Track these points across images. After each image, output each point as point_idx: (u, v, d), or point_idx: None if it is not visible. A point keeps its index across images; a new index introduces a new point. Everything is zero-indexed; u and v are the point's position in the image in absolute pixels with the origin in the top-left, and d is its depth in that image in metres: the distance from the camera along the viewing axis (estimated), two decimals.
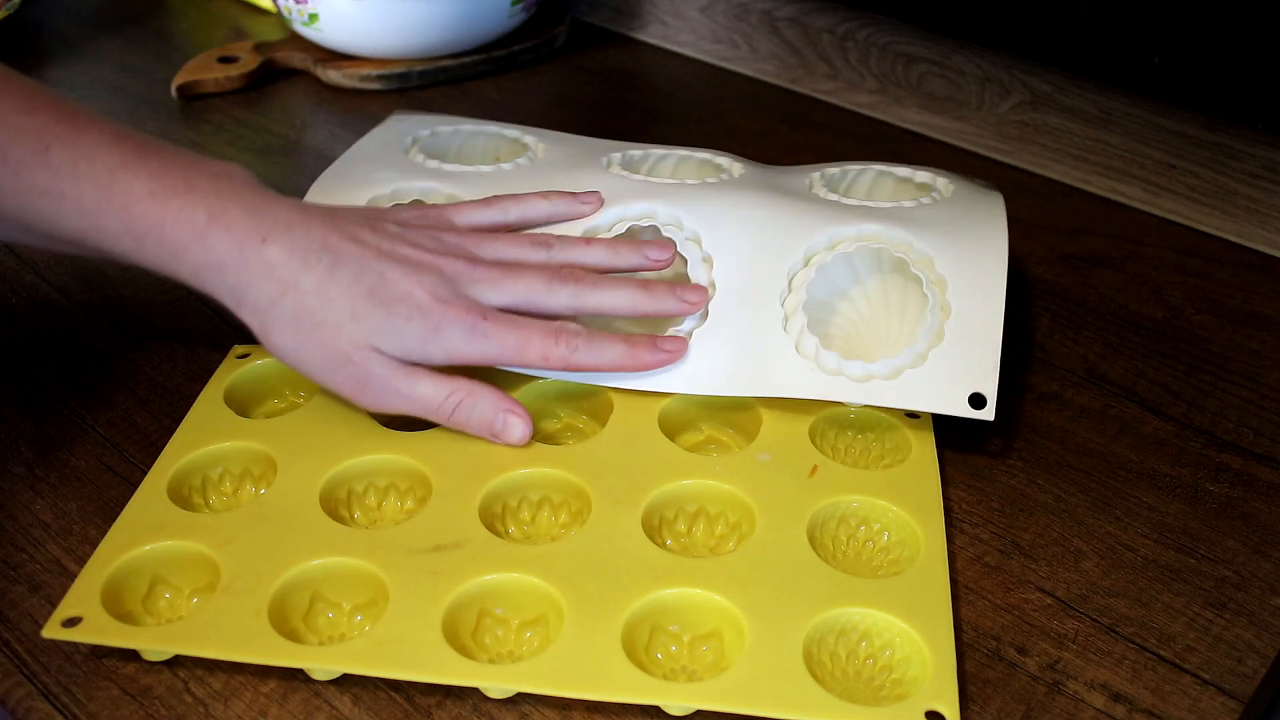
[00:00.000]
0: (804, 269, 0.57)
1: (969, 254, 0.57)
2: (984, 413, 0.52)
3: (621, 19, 1.01)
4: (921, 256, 0.57)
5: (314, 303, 0.50)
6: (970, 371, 0.53)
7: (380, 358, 0.51)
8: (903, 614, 0.45)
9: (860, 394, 0.53)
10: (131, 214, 0.48)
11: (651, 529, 0.49)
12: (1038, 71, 0.78)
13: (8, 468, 0.55)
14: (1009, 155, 0.82)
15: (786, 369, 0.54)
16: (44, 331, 0.63)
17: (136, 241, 0.49)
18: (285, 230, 0.50)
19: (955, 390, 0.53)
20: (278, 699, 0.45)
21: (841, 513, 0.51)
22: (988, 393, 0.52)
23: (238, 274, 0.49)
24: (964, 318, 0.54)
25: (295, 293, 0.50)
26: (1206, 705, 0.45)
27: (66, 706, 0.44)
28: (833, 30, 0.88)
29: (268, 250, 0.49)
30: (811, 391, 0.54)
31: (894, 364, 0.54)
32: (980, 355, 0.53)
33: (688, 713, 0.43)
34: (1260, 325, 0.66)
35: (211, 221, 0.49)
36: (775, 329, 0.55)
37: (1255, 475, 0.56)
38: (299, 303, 0.50)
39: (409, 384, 0.51)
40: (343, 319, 0.50)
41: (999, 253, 0.57)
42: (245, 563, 0.47)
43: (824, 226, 0.58)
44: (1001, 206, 0.61)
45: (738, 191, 0.60)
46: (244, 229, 0.49)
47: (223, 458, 0.53)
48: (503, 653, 0.46)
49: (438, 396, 0.52)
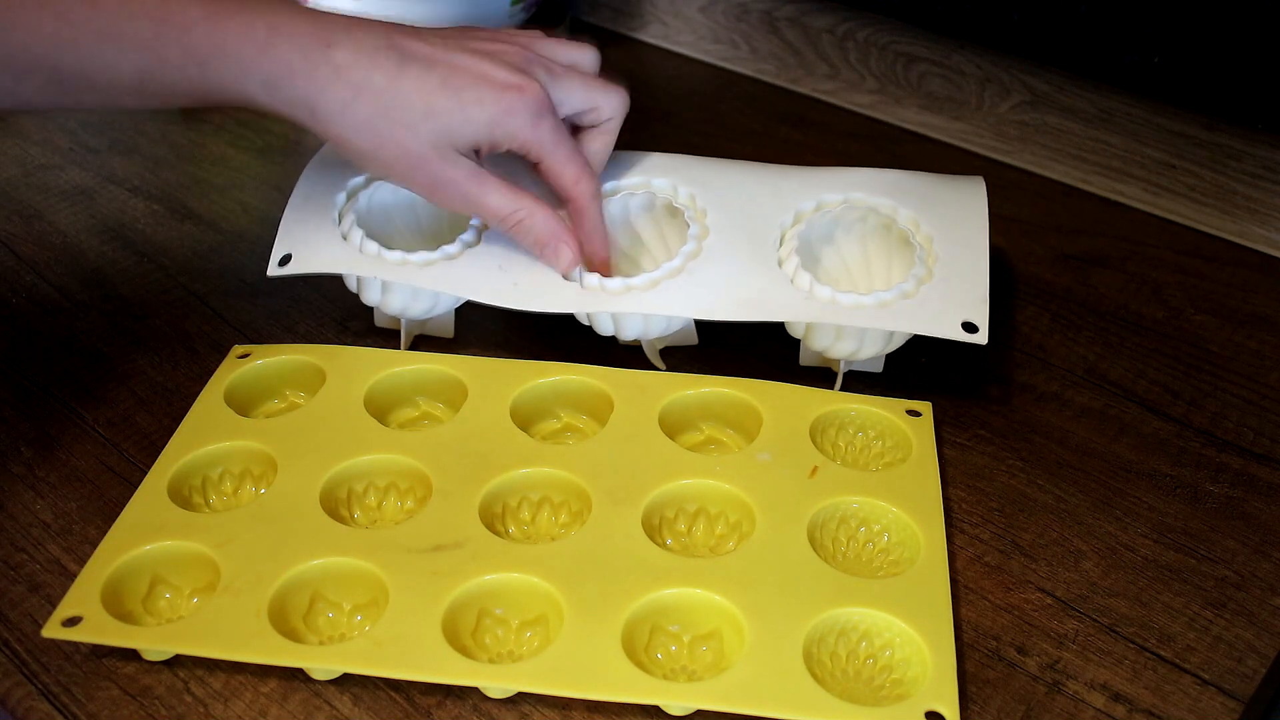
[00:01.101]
0: (794, 226, 0.59)
1: (952, 213, 0.59)
2: (977, 336, 0.53)
3: (621, 19, 1.01)
4: (906, 218, 0.59)
5: (388, 101, 0.51)
6: (961, 302, 0.55)
7: (453, 159, 0.52)
8: (903, 614, 0.45)
9: (854, 317, 0.54)
10: (192, 38, 0.48)
11: (651, 529, 0.49)
12: (1038, 71, 0.78)
13: (8, 468, 0.55)
14: (1009, 155, 0.82)
15: (781, 296, 0.56)
16: (44, 331, 0.63)
17: (200, 67, 0.49)
18: (347, 33, 0.50)
19: (947, 317, 0.54)
20: (278, 699, 0.45)
21: (842, 513, 0.51)
22: (979, 320, 0.54)
23: (307, 81, 0.50)
24: (952, 263, 0.56)
25: (368, 93, 0.50)
26: (1206, 705, 0.45)
27: (66, 706, 0.44)
28: (833, 30, 0.88)
29: (334, 54, 0.50)
30: (807, 315, 0.55)
31: (884, 298, 0.55)
32: (970, 288, 0.55)
33: (688, 713, 0.43)
34: (1260, 325, 0.66)
35: (273, 32, 0.49)
36: (770, 265, 0.57)
37: (1255, 475, 0.56)
38: (373, 103, 0.50)
39: (480, 191, 0.53)
40: (416, 117, 0.51)
41: (980, 211, 0.60)
42: (245, 563, 0.47)
43: (812, 190, 0.61)
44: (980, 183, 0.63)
45: (728, 164, 0.64)
46: (307, 35, 0.50)
47: (223, 458, 0.53)
48: (503, 653, 0.46)
49: (506, 207, 0.54)
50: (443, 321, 0.62)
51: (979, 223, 0.59)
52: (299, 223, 0.60)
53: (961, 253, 0.57)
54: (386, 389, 0.57)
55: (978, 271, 0.56)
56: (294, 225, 0.60)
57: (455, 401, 0.56)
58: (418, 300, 0.58)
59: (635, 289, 0.56)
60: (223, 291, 0.66)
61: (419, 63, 0.52)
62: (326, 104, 0.50)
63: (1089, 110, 0.77)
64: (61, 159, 0.79)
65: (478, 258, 0.58)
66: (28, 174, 0.77)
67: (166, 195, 0.76)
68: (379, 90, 0.50)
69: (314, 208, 0.60)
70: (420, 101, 0.51)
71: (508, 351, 0.62)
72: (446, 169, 0.52)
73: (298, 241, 0.59)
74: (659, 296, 0.56)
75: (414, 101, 0.51)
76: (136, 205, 0.74)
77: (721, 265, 0.57)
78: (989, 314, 0.54)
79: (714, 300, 0.56)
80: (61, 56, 0.48)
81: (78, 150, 0.80)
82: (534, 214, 0.55)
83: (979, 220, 0.59)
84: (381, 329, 0.63)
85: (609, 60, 0.61)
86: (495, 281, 0.57)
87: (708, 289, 0.56)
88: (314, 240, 0.59)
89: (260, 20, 0.49)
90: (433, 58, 0.52)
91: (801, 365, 0.61)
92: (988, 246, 0.58)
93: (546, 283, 0.57)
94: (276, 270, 0.58)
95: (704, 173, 0.62)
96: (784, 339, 0.62)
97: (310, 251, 0.58)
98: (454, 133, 0.52)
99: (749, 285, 0.56)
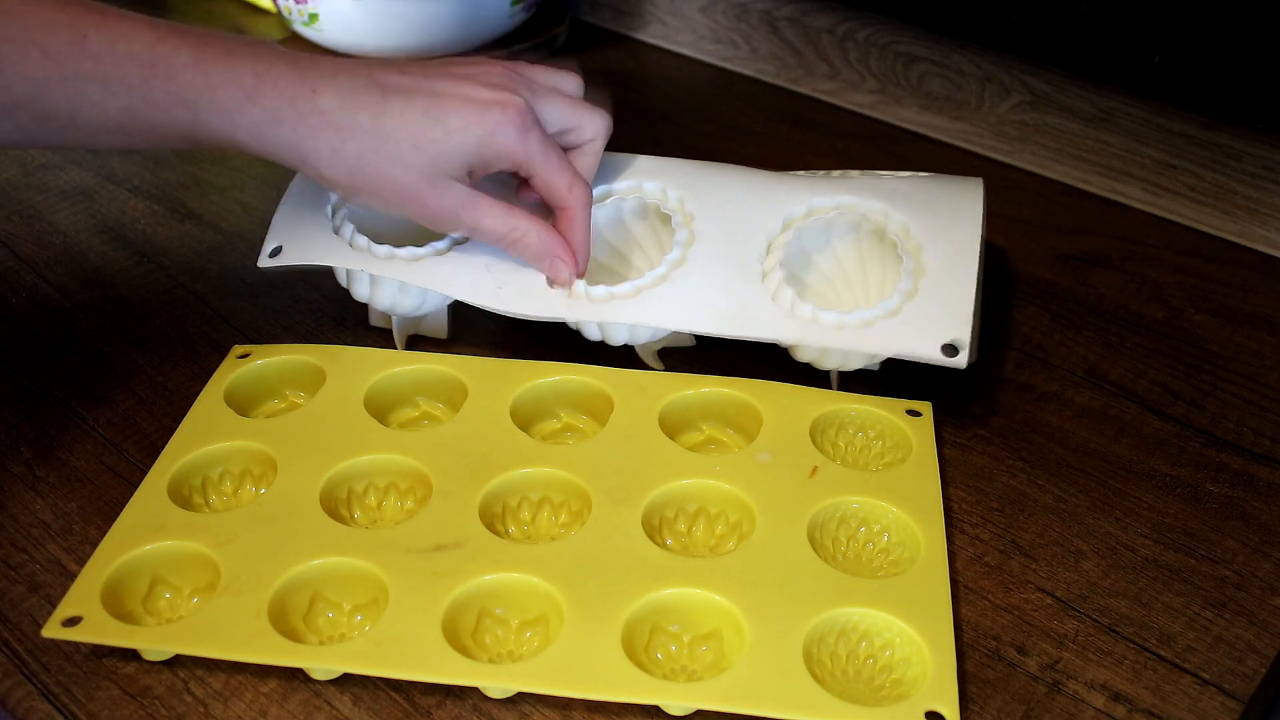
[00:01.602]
0: (782, 234, 0.59)
1: (944, 221, 0.58)
2: (956, 360, 0.53)
3: (621, 19, 1.01)
4: (898, 224, 0.59)
5: (374, 141, 0.51)
6: (943, 322, 0.54)
7: (446, 186, 0.53)
8: (903, 614, 0.45)
9: (833, 339, 0.54)
10: (179, 83, 0.49)
11: (651, 529, 0.49)
12: (1038, 71, 0.78)
13: (8, 468, 0.55)
14: (1009, 155, 0.82)
15: (762, 313, 0.56)
16: (44, 331, 0.63)
17: (189, 110, 0.50)
18: (331, 77, 0.51)
19: (928, 338, 0.53)
20: (278, 699, 0.45)
21: (842, 513, 0.51)
22: (960, 341, 0.53)
23: (294, 127, 0.51)
24: (938, 276, 0.56)
25: (355, 134, 0.51)
26: (1206, 705, 0.45)
27: (66, 706, 0.44)
28: (833, 30, 0.88)
29: (319, 99, 0.51)
30: (785, 335, 0.55)
31: (867, 316, 0.55)
32: (954, 307, 0.54)
33: (688, 713, 0.43)
34: (1260, 325, 0.66)
35: (259, 80, 0.50)
36: (753, 280, 0.57)
37: (1255, 475, 0.56)
38: (361, 143, 0.51)
39: (475, 215, 0.54)
40: (404, 150, 0.52)
41: (974, 218, 0.58)
42: (245, 563, 0.47)
43: (803, 196, 0.60)
44: (979, 185, 0.62)
45: (719, 168, 0.63)
46: (292, 83, 0.51)
47: (223, 458, 0.53)
48: (503, 653, 0.46)
49: (501, 227, 0.55)
50: (436, 321, 0.62)
51: (972, 231, 0.58)
52: (292, 216, 0.60)
53: (950, 264, 0.56)
54: (386, 389, 0.57)
55: (964, 287, 0.55)
56: (287, 218, 0.60)
57: (455, 401, 0.56)
58: (406, 296, 0.58)
59: (618, 297, 0.56)
60: (223, 291, 0.66)
61: (401, 95, 0.52)
62: (316, 149, 0.51)
63: (1089, 110, 0.77)
64: (61, 159, 0.79)
65: (466, 257, 0.58)
66: (28, 174, 0.77)
67: (166, 195, 0.76)
68: (365, 130, 0.51)
69: (309, 202, 0.60)
70: (406, 135, 0.52)
71: (507, 351, 0.62)
72: (439, 197, 0.53)
73: (289, 234, 0.59)
74: (641, 306, 0.56)
75: (400, 135, 0.51)
76: (136, 205, 0.74)
77: (705, 277, 0.57)
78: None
79: (695, 313, 0.56)
80: (47, 95, 0.49)
81: (77, 150, 0.80)
82: (529, 230, 0.55)
83: (972, 228, 0.58)
84: (378, 328, 0.63)
85: (609, 60, 0.61)
86: (480, 282, 0.57)
87: (690, 300, 0.56)
88: (306, 233, 0.59)
89: (246, 67, 0.50)
90: (414, 88, 0.52)
91: (798, 361, 0.61)
92: (978, 256, 0.57)
93: (531, 287, 0.57)
94: (267, 262, 0.58)
95: (695, 177, 0.62)
96: None
97: (300, 244, 0.59)
98: (443, 160, 0.52)
99: (731, 298, 0.56)
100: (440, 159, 0.52)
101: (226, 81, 0.50)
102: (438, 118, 0.52)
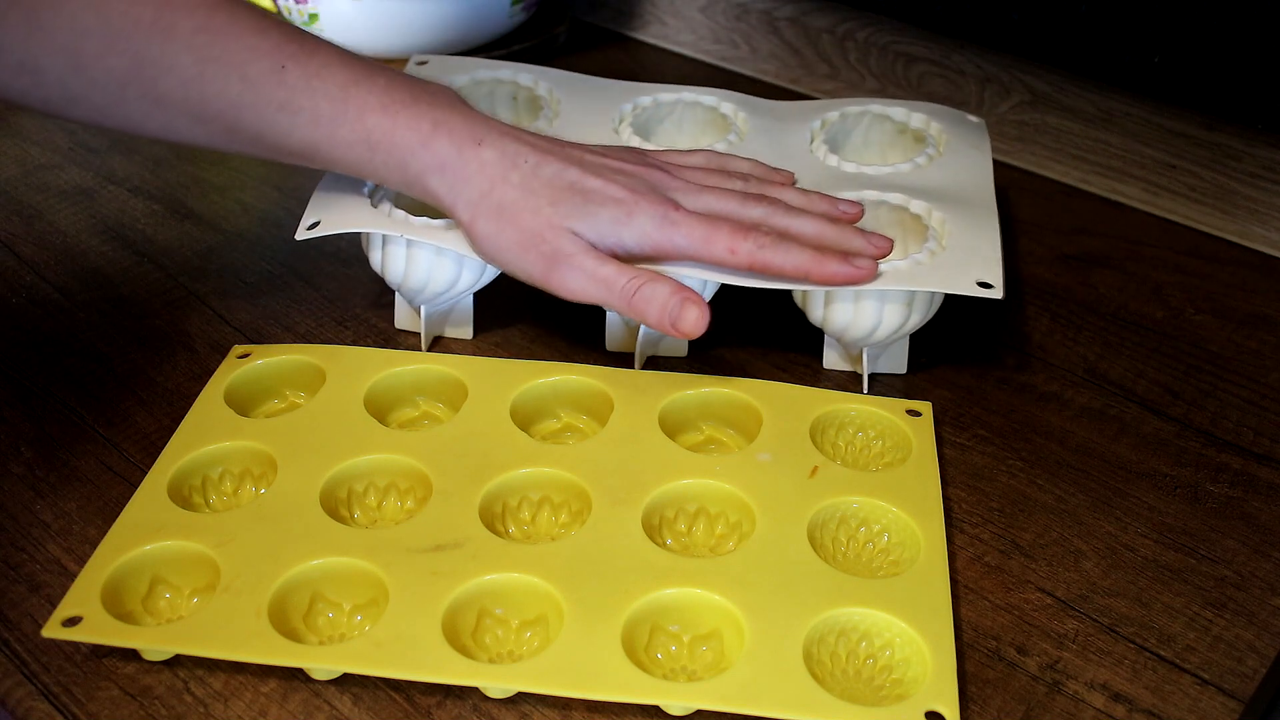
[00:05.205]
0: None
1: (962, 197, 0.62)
2: (993, 292, 0.55)
3: (621, 19, 1.01)
4: (920, 207, 0.61)
5: (517, 194, 0.55)
6: (974, 264, 0.56)
7: (571, 237, 0.54)
8: (903, 614, 0.45)
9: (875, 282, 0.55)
10: (366, 124, 0.54)
11: (651, 529, 0.49)
12: (1038, 71, 0.78)
13: (8, 468, 0.55)
14: (1009, 155, 0.82)
15: None
16: (44, 331, 0.63)
17: (369, 149, 0.54)
18: (498, 136, 0.56)
19: (963, 276, 0.55)
20: (278, 699, 0.45)
21: (842, 514, 0.51)
22: (993, 279, 0.55)
23: (455, 173, 0.55)
24: (962, 237, 0.58)
25: (503, 185, 0.55)
26: (1206, 705, 0.45)
27: (66, 706, 0.44)
28: (833, 30, 0.88)
29: (483, 151, 0.55)
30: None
31: (899, 265, 0.56)
32: (983, 254, 0.57)
33: (688, 713, 0.43)
34: (1260, 325, 0.66)
35: (436, 128, 0.54)
36: None
37: (1255, 475, 0.56)
38: (504, 194, 0.54)
39: (594, 264, 0.54)
40: (541, 204, 0.54)
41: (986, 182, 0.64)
42: (245, 563, 0.47)
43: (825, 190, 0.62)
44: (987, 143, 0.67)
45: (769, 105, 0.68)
46: (463, 134, 0.55)
47: (223, 458, 0.53)
48: (503, 653, 0.46)
49: (621, 279, 0.54)
50: (462, 317, 0.62)
51: (988, 203, 0.61)
52: (329, 193, 0.61)
53: (972, 226, 0.59)
54: (386, 389, 0.57)
55: (989, 240, 0.58)
56: (324, 196, 0.61)
57: (455, 401, 0.56)
58: (440, 271, 0.58)
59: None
60: (223, 291, 0.66)
61: (553, 166, 0.55)
62: (468, 193, 0.55)
63: (1089, 110, 0.77)
64: (61, 159, 0.79)
65: None
66: (28, 174, 0.77)
67: (166, 195, 0.76)
68: (512, 184, 0.54)
69: (346, 184, 0.61)
70: (547, 195, 0.54)
71: (508, 351, 0.62)
72: (563, 243, 0.54)
73: (326, 208, 0.60)
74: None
75: (542, 195, 0.54)
76: (136, 205, 0.74)
77: None
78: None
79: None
80: (241, 116, 0.53)
81: (78, 150, 0.80)
82: (652, 280, 0.54)
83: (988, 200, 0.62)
84: (386, 332, 0.63)
85: (609, 60, 0.61)
86: None
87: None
88: (342, 206, 0.60)
89: (427, 116, 0.55)
90: (566, 166, 0.55)
91: (825, 368, 0.61)
92: (998, 223, 0.60)
93: None
94: (305, 234, 0.58)
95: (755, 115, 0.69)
96: (786, 339, 0.62)
97: (338, 215, 0.59)
98: (575, 224, 0.54)
99: None
100: (571, 217, 0.54)
101: (408, 126, 0.54)
102: (580, 191, 0.55)
